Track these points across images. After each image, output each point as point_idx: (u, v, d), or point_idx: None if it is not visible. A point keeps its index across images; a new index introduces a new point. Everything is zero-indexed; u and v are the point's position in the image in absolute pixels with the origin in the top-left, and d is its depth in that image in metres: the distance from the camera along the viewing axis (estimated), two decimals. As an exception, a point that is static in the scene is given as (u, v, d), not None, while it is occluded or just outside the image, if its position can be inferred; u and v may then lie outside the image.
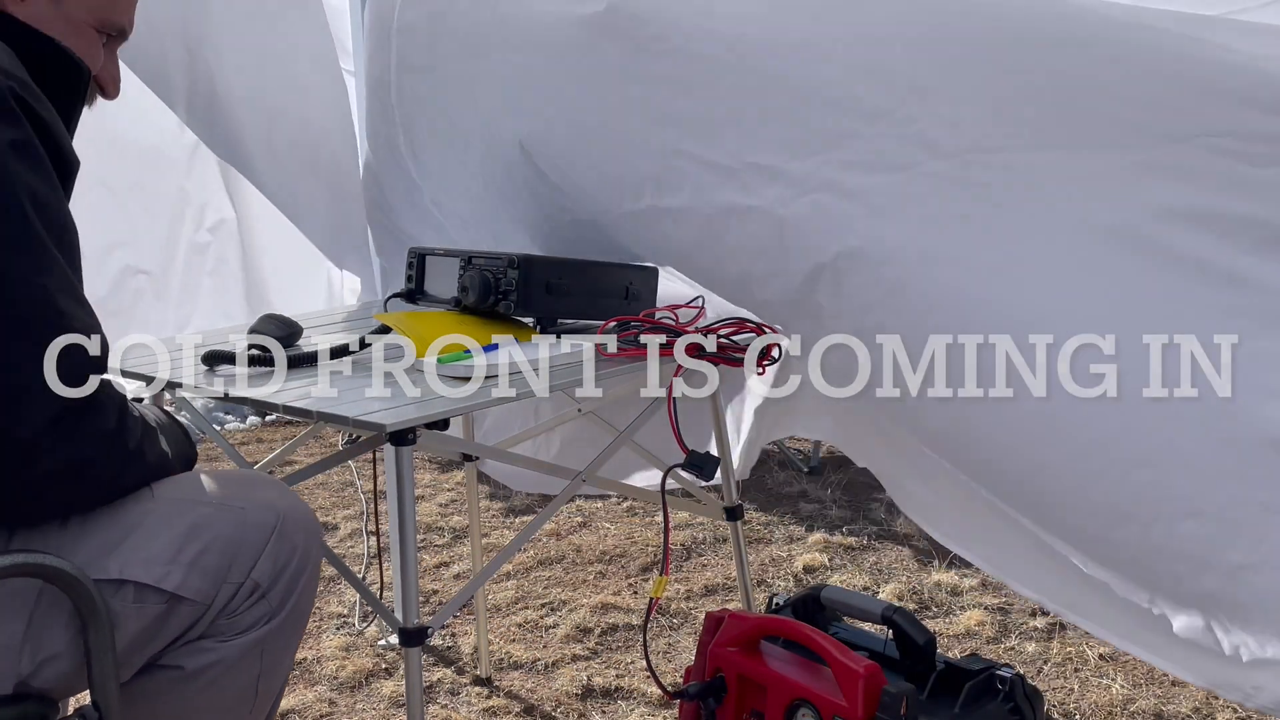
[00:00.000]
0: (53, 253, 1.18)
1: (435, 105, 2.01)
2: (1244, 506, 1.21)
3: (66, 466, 1.18)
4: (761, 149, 1.54)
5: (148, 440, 1.29)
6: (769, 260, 1.52)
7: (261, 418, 4.62)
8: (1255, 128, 1.22)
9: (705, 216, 1.59)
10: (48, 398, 1.15)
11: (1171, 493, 1.25)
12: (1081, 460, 1.31)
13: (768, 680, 1.57)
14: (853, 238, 1.43)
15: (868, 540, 3.12)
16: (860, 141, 1.46)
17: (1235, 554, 1.21)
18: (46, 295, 1.16)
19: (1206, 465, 1.23)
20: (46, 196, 1.19)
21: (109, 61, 1.41)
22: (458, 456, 3.19)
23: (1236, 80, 1.23)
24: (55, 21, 1.32)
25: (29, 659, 1.21)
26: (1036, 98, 1.35)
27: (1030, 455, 1.35)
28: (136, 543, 1.25)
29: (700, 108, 1.61)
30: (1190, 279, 1.26)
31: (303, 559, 1.34)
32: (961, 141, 1.38)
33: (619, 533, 3.26)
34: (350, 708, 2.36)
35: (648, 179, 1.66)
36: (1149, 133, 1.28)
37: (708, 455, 1.73)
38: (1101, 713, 2.21)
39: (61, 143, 1.24)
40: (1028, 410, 1.33)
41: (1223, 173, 1.24)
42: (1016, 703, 1.53)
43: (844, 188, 1.46)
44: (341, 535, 3.32)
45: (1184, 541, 1.24)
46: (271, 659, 1.34)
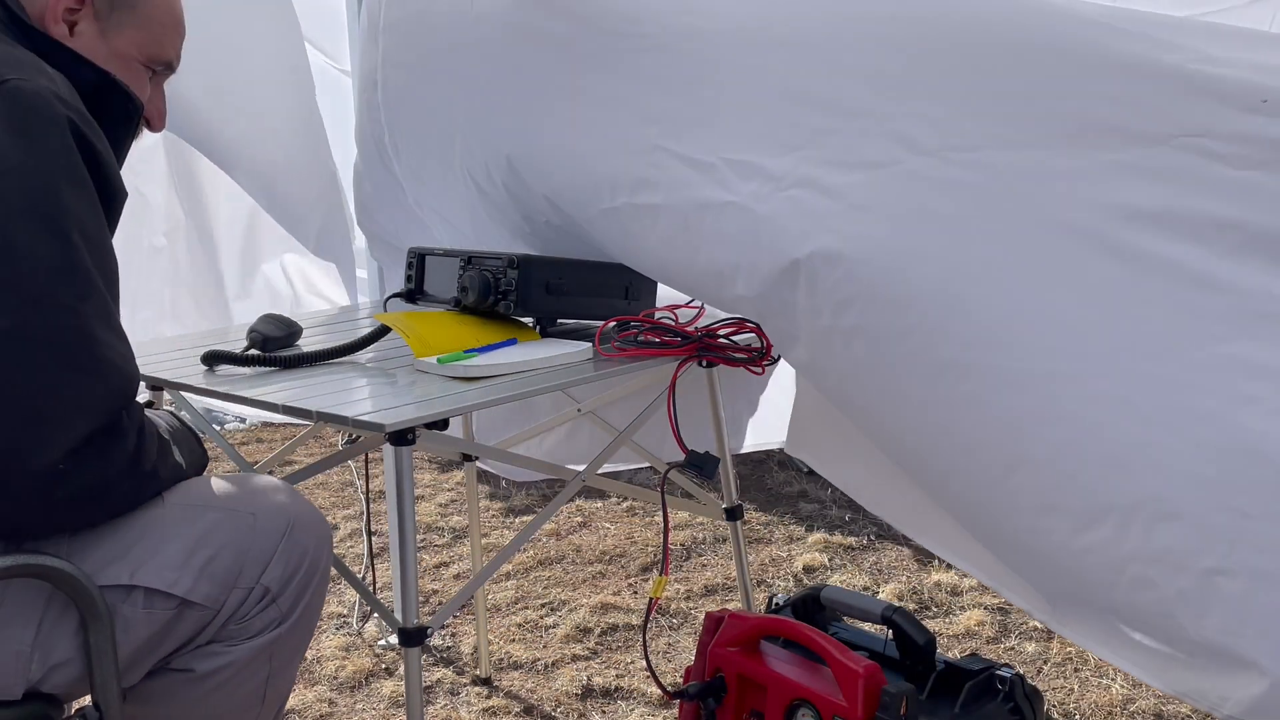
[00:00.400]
0: (96, 282, 1.19)
1: (417, 103, 2.01)
2: (1220, 511, 1.20)
3: (85, 491, 1.19)
4: (740, 145, 1.54)
5: (162, 456, 1.30)
6: (744, 255, 1.51)
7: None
8: (1233, 128, 1.21)
9: (681, 213, 1.58)
10: (74, 424, 1.16)
11: (1149, 495, 1.24)
12: (1057, 461, 1.30)
13: (768, 680, 1.57)
14: (830, 235, 1.43)
15: (868, 540, 3.12)
16: (840, 138, 1.45)
17: (1209, 558, 1.20)
18: (84, 323, 1.17)
19: (1183, 469, 1.22)
20: (94, 228, 1.21)
21: (155, 95, 1.43)
22: (457, 456, 3.19)
23: (1213, 80, 1.22)
24: (104, 57, 1.34)
25: (39, 665, 1.22)
26: (1014, 97, 1.35)
27: (1003, 455, 1.34)
28: (147, 548, 1.26)
29: (681, 104, 1.61)
30: (1166, 282, 1.24)
31: (313, 564, 1.35)
32: (940, 139, 1.37)
33: (619, 533, 3.26)
34: (350, 708, 2.36)
35: (626, 177, 1.66)
36: (1125, 133, 1.27)
37: (708, 455, 1.73)
38: (1101, 713, 2.21)
39: (111, 174, 1.26)
40: (1001, 411, 1.33)
41: (1200, 174, 1.23)
42: (1016, 703, 1.53)
43: (822, 184, 1.45)
44: (341, 535, 3.32)
45: (1160, 544, 1.23)
46: (281, 662, 1.35)
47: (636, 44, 1.65)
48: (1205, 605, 1.21)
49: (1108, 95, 1.29)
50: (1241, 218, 1.21)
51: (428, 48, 1.96)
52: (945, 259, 1.36)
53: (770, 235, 1.48)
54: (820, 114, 1.47)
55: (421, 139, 2.02)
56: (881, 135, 1.42)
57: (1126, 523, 1.25)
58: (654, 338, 1.70)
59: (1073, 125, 1.31)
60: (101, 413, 1.18)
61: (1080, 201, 1.29)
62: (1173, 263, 1.24)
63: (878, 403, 1.46)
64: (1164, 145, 1.25)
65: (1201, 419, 1.21)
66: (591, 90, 1.72)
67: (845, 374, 1.46)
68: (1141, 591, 1.25)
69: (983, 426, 1.35)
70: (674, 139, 1.61)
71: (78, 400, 1.16)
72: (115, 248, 1.26)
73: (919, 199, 1.38)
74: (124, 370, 1.22)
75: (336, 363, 1.70)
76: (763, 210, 1.49)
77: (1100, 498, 1.27)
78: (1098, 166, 1.29)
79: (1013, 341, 1.32)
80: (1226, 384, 1.20)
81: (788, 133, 1.50)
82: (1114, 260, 1.27)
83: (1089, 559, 1.29)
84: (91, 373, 1.18)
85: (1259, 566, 1.18)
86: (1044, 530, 1.32)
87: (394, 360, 1.72)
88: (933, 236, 1.37)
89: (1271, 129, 1.19)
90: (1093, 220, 1.28)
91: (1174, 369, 1.23)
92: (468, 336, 1.70)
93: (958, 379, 1.35)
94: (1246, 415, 1.19)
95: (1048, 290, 1.31)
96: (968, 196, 1.36)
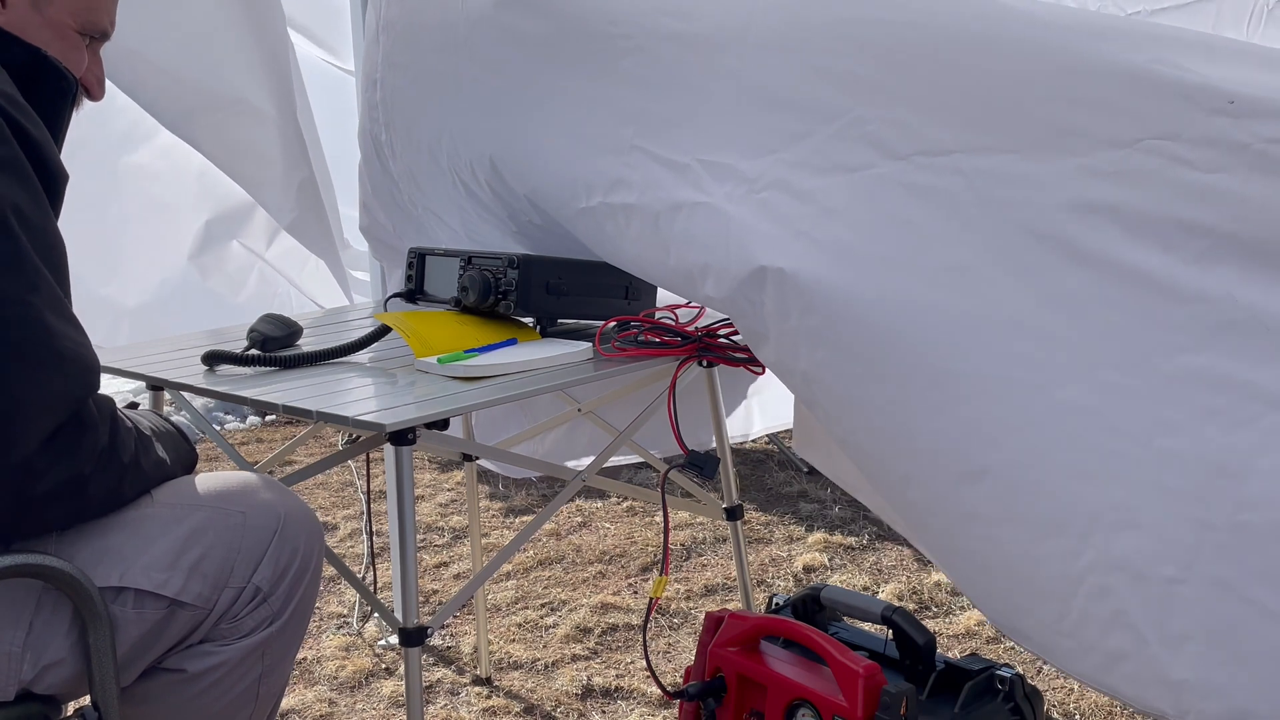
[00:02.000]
0: (41, 271, 1.16)
1: (410, 103, 2.01)
2: (1182, 522, 1.19)
3: (63, 486, 1.18)
4: (716, 147, 1.54)
5: (142, 449, 1.28)
6: (714, 256, 1.50)
7: (261, 418, 4.63)
8: (1200, 131, 1.19)
9: (653, 213, 1.58)
10: (38, 419, 1.14)
11: (1111, 504, 1.23)
12: (1021, 470, 1.29)
13: (768, 680, 1.57)
14: (800, 238, 1.42)
15: (868, 540, 3.12)
16: (813, 141, 1.44)
17: (1168, 567, 1.20)
18: (36, 314, 1.15)
19: (1146, 479, 1.21)
20: (33, 214, 1.17)
21: (93, 63, 1.40)
22: (457, 456, 3.19)
23: (1181, 81, 1.21)
24: (38, 27, 1.30)
25: (30, 665, 1.22)
26: (984, 100, 1.33)
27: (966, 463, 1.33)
28: (136, 548, 1.25)
29: (658, 105, 1.61)
30: (1132, 290, 1.23)
31: (304, 562, 1.34)
32: (911, 144, 1.37)
33: (619, 533, 3.26)
34: (350, 708, 2.36)
35: (602, 177, 1.65)
36: (1092, 137, 1.26)
37: (708, 455, 1.73)
38: (1101, 713, 2.21)
39: (49, 157, 1.22)
40: (964, 418, 1.32)
41: (1167, 178, 1.21)
42: (1016, 703, 1.53)
43: (795, 188, 1.45)
44: (341, 535, 3.32)
45: (1121, 552, 1.23)
46: (273, 661, 1.34)
47: (616, 45, 1.65)
48: (1165, 615, 1.21)
49: (1075, 98, 1.27)
50: (1208, 222, 1.20)
51: (420, 47, 1.97)
52: (912, 264, 1.35)
53: (740, 237, 1.48)
54: (795, 117, 1.47)
55: (415, 139, 2.03)
56: (854, 139, 1.41)
57: (1088, 532, 1.24)
58: (654, 338, 1.70)
59: (1041, 129, 1.29)
60: (65, 404, 1.16)
61: (1047, 207, 1.28)
62: (1139, 271, 1.23)
63: (841, 405, 1.45)
64: (1131, 149, 1.23)
65: (1166, 430, 1.20)
66: (571, 91, 1.72)
67: (810, 375, 1.45)
68: (1100, 600, 1.25)
69: (945, 434, 1.34)
70: (650, 139, 1.61)
71: (38, 394, 1.14)
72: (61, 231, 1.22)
73: (888, 204, 1.38)
74: (82, 359, 1.19)
75: (337, 363, 1.70)
76: (735, 212, 1.49)
77: (1063, 507, 1.26)
78: (1065, 171, 1.27)
79: (977, 348, 1.31)
80: (1190, 396, 1.19)
81: (763, 135, 1.49)
82: (1081, 267, 1.26)
83: (1047, 568, 1.28)
84: (49, 365, 1.15)
85: (1219, 576, 1.18)
86: (1003, 540, 1.31)
87: (394, 360, 1.72)
88: (900, 242, 1.36)
89: (1236, 132, 1.17)
90: (1060, 226, 1.27)
91: (1139, 379, 1.22)
92: (468, 336, 1.70)
93: (921, 385, 1.34)
94: (1209, 427, 1.18)
95: (1013, 297, 1.30)
96: (936, 202, 1.35)
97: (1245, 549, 1.17)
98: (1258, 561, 1.16)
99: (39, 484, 1.15)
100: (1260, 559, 1.16)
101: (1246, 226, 1.18)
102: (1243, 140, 1.17)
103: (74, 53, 1.35)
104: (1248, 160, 1.17)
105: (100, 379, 1.23)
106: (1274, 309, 1.17)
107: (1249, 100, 1.17)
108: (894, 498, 1.46)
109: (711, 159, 1.53)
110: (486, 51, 1.84)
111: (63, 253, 1.22)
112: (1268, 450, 1.17)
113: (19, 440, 1.13)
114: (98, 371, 1.22)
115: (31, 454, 1.14)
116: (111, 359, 1.77)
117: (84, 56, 1.37)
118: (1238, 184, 1.18)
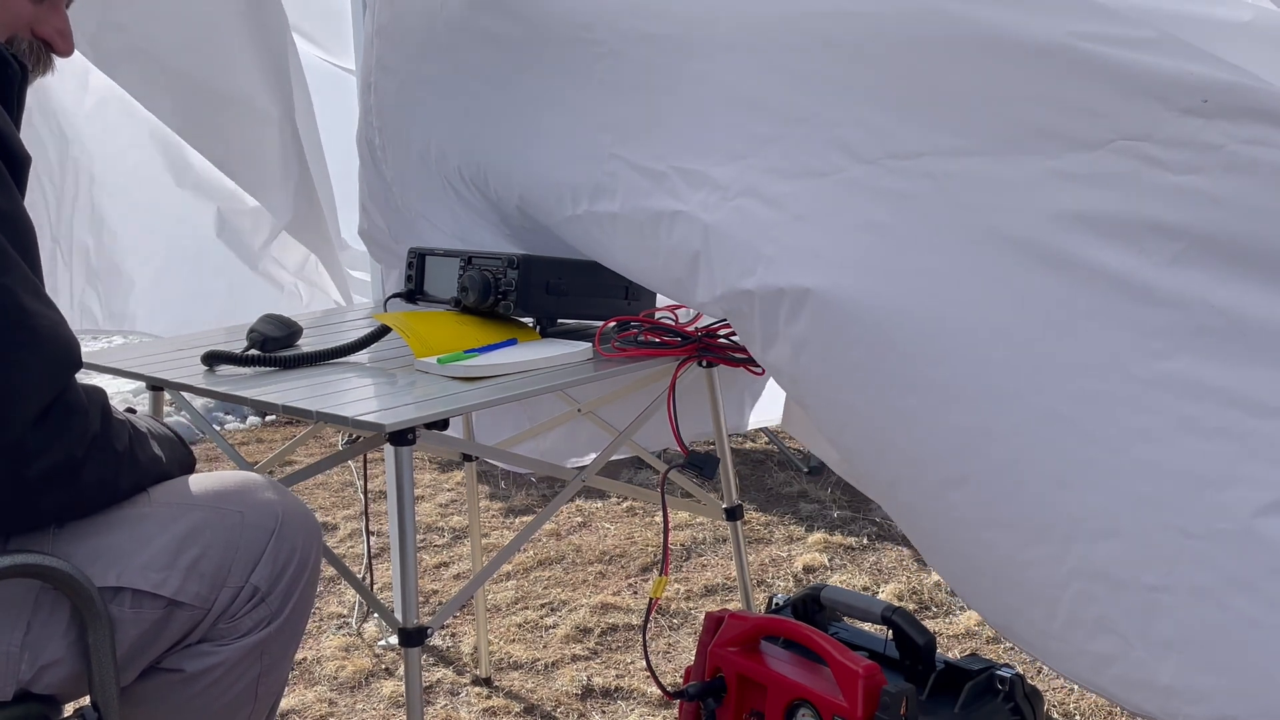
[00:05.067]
0: (13, 255, 1.16)
1: (401, 107, 2.01)
2: (1161, 530, 1.19)
3: (57, 469, 1.17)
4: (689, 153, 1.52)
5: (137, 443, 1.28)
6: (699, 264, 1.50)
7: (261, 418, 4.63)
8: (1172, 131, 1.18)
9: (637, 222, 1.57)
10: (27, 399, 1.14)
11: (1090, 512, 1.22)
12: (1000, 477, 1.28)
13: (767, 680, 1.57)
14: (773, 245, 1.40)
15: (868, 540, 3.12)
16: (782, 146, 1.42)
17: (1150, 575, 1.19)
18: (10, 296, 1.14)
19: (1124, 487, 1.20)
20: (2, 201, 1.17)
21: (54, 15, 1.36)
22: (457, 456, 3.19)
23: (1154, 77, 1.19)
24: None
25: (28, 666, 1.21)
26: (954, 100, 1.31)
27: (947, 470, 1.32)
28: (133, 548, 1.25)
29: (632, 111, 1.59)
30: (1107, 295, 1.21)
31: (302, 561, 1.34)
32: (881, 147, 1.35)
33: (619, 533, 3.26)
34: (350, 708, 2.36)
35: (585, 184, 1.64)
36: (1064, 138, 1.24)
37: (708, 455, 1.73)
38: (1101, 713, 2.21)
39: (8, 138, 1.21)
40: (943, 426, 1.30)
41: (1140, 179, 1.20)
42: (1016, 703, 1.52)
43: (766, 194, 1.42)
44: (341, 535, 3.32)
45: (1102, 560, 1.22)
46: (271, 661, 1.34)
47: (589, 49, 1.63)
48: (1149, 622, 1.20)
49: (1046, 98, 1.25)
50: (1181, 224, 1.18)
51: (408, 51, 1.96)
52: (886, 270, 1.33)
53: (719, 246, 1.46)
54: (764, 121, 1.45)
55: (406, 143, 2.02)
56: (823, 143, 1.39)
57: (1069, 539, 1.23)
58: (654, 338, 1.70)
59: (1011, 130, 1.27)
60: (48, 384, 1.16)
61: (1020, 211, 1.26)
62: (1113, 275, 1.21)
63: (828, 409, 1.44)
64: (1103, 150, 1.22)
65: (1143, 438, 1.19)
66: (549, 96, 1.71)
67: (797, 379, 1.45)
68: (1085, 606, 1.24)
69: (926, 442, 1.32)
70: (627, 147, 1.59)
71: (22, 376, 1.14)
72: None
73: (859, 209, 1.36)
74: (59, 336, 1.19)
75: (336, 363, 1.70)
76: (711, 220, 1.46)
77: (1043, 514, 1.25)
78: (1037, 174, 1.25)
79: (953, 355, 1.29)
80: (1166, 403, 1.18)
81: (733, 140, 1.47)
82: (1055, 272, 1.24)
83: (1033, 573, 1.28)
84: (26, 345, 1.15)
85: (1200, 584, 1.17)
86: (989, 544, 1.31)
87: (394, 360, 1.72)
88: (873, 248, 1.34)
89: (1208, 132, 1.16)
90: (1033, 230, 1.25)
91: (1114, 386, 1.21)
92: (468, 336, 1.70)
93: (900, 393, 1.33)
94: (1187, 436, 1.18)
95: (988, 304, 1.28)
96: (907, 207, 1.33)
97: (1224, 557, 1.16)
98: (1237, 569, 1.15)
99: (32, 466, 1.15)
100: (1239, 567, 1.15)
101: (1221, 229, 1.17)
102: (1215, 141, 1.16)
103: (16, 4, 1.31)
104: (1221, 161, 1.16)
105: (80, 355, 1.22)
106: (1249, 312, 1.16)
107: (1221, 97, 1.16)
108: (885, 499, 1.46)
109: (686, 166, 1.51)
110: (466, 55, 1.83)
111: (32, 234, 1.21)
112: (1245, 458, 1.16)
113: (10, 422, 1.13)
114: (77, 348, 1.21)
115: (22, 435, 1.13)
116: (111, 359, 1.77)
117: (28, 10, 1.33)
118: (1211, 185, 1.17)
